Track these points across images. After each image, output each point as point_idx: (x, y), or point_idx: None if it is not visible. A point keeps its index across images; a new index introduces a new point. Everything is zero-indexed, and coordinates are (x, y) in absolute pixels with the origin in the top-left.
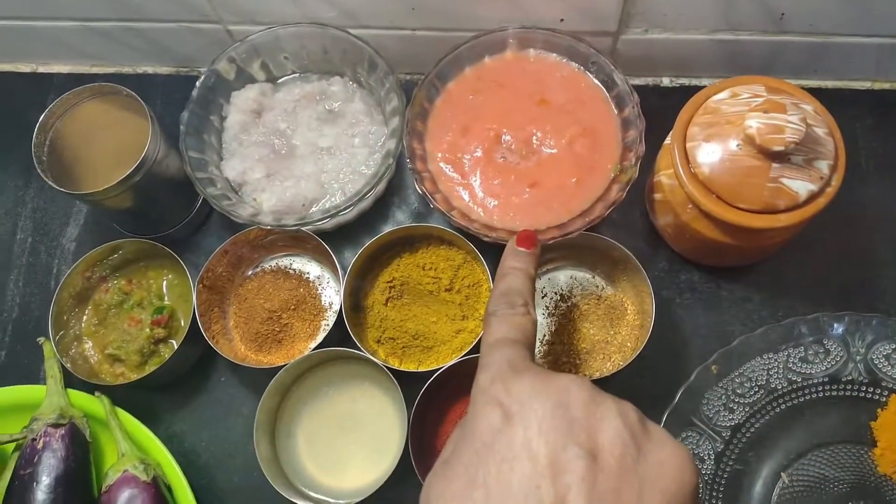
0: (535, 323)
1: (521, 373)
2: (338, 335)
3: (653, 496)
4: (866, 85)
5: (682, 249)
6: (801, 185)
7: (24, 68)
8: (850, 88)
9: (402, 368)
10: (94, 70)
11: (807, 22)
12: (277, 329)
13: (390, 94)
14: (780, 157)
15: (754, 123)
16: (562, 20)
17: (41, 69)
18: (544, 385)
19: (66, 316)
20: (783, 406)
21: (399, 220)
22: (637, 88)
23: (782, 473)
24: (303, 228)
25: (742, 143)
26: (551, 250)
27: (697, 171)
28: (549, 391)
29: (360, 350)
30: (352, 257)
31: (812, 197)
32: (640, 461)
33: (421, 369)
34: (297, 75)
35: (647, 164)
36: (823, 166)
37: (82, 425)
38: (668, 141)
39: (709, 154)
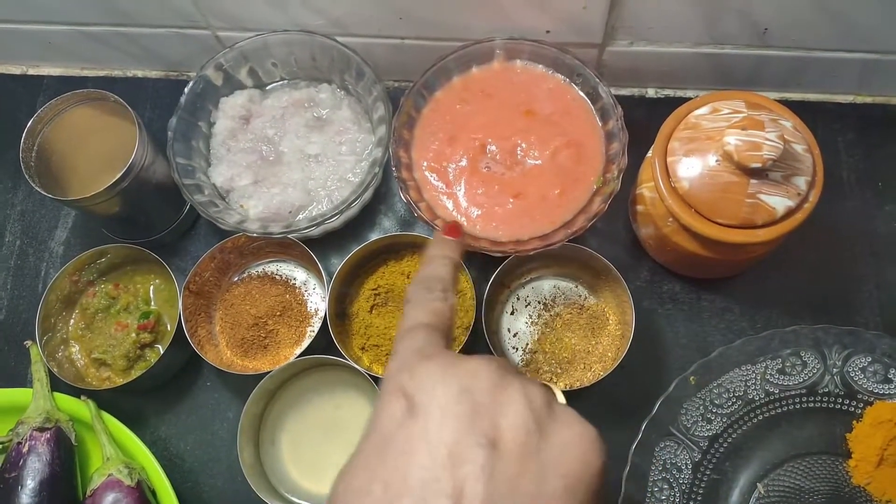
0: (452, 308)
1: (429, 359)
2: (323, 341)
3: (554, 481)
4: (849, 98)
5: (663, 261)
6: (778, 201)
7: (15, 70)
8: (832, 102)
9: None
10: (85, 73)
11: (790, 37)
12: (263, 335)
13: (377, 103)
14: (758, 174)
15: (733, 140)
16: (548, 32)
17: (31, 71)
18: (450, 370)
19: (53, 319)
20: (760, 417)
21: (385, 227)
22: (622, 99)
23: (758, 484)
24: (289, 236)
25: (721, 159)
26: (535, 259)
27: (677, 185)
28: (455, 376)
29: (345, 357)
30: (338, 264)
31: (789, 213)
32: (542, 446)
33: None
34: (285, 82)
35: (631, 175)
36: (801, 182)
37: (68, 429)
38: (649, 154)
39: (689, 169)
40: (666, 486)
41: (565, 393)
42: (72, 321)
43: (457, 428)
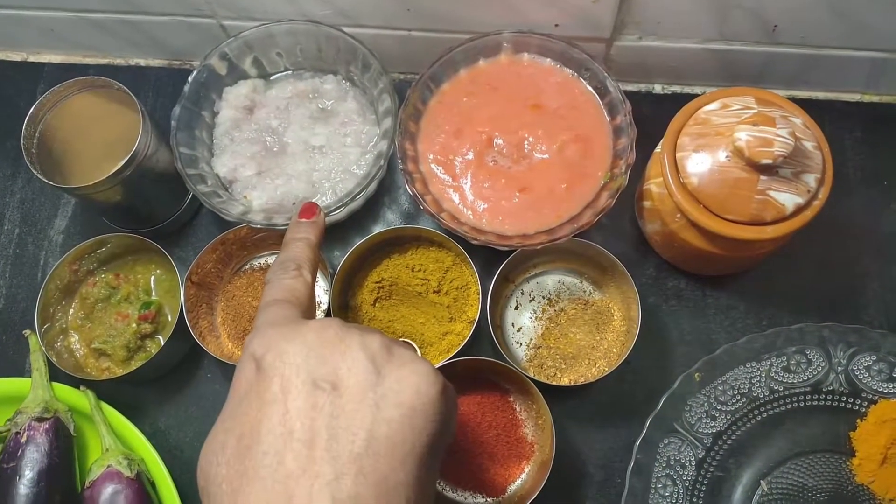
0: (307, 284)
1: (277, 326)
2: None
3: (390, 409)
4: (856, 97)
5: (669, 257)
6: (788, 198)
7: (15, 57)
8: (840, 100)
9: None
10: (86, 60)
11: (799, 34)
12: None
13: (383, 95)
14: (769, 170)
15: (743, 136)
16: (556, 25)
17: (32, 58)
18: (295, 331)
19: (52, 309)
20: (764, 414)
21: (389, 220)
22: (629, 94)
23: (762, 481)
24: None
25: (731, 155)
26: (540, 254)
27: (686, 181)
28: (299, 334)
29: None
30: (341, 257)
31: (799, 210)
32: (378, 382)
33: None
34: (290, 72)
35: (638, 171)
36: (811, 180)
37: (67, 419)
38: (658, 150)
39: (698, 164)
40: (670, 483)
41: (569, 388)
42: (71, 311)
43: (301, 378)
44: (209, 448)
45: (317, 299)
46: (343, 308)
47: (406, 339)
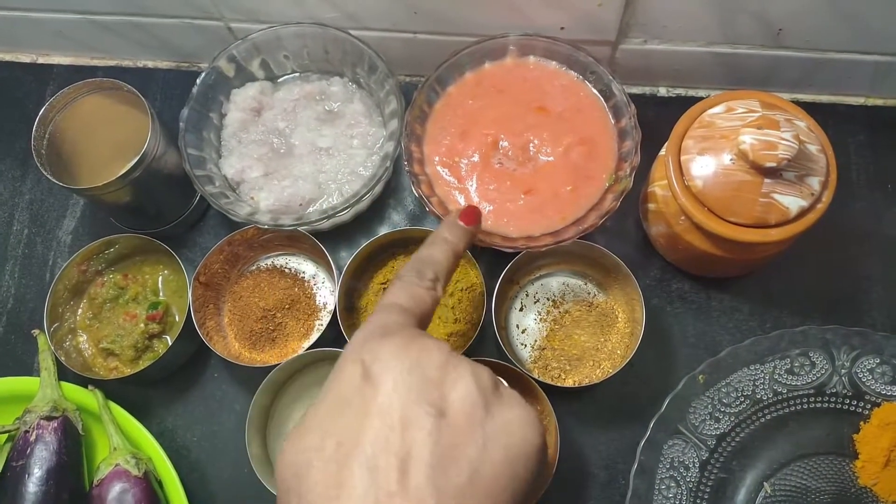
0: (436, 299)
1: (391, 335)
2: (331, 335)
3: (496, 451)
4: (860, 101)
5: (673, 259)
6: (792, 201)
7: (25, 58)
8: (844, 104)
9: None
10: (94, 62)
11: (804, 38)
12: (271, 328)
13: (390, 97)
14: (773, 173)
15: (748, 139)
16: (562, 28)
17: (41, 60)
18: (406, 347)
19: (60, 308)
20: (768, 417)
21: (395, 221)
22: (634, 97)
23: (765, 483)
24: (299, 228)
25: (735, 158)
26: (545, 256)
27: (691, 183)
28: (410, 350)
29: None
30: (347, 258)
31: (802, 213)
32: (487, 419)
33: None
34: (297, 75)
35: (642, 173)
36: (815, 183)
37: (75, 418)
38: (662, 152)
39: (702, 167)
40: (673, 484)
41: (573, 389)
42: (79, 311)
43: (408, 397)
44: (302, 445)
45: (323, 300)
46: (349, 309)
47: (501, 379)
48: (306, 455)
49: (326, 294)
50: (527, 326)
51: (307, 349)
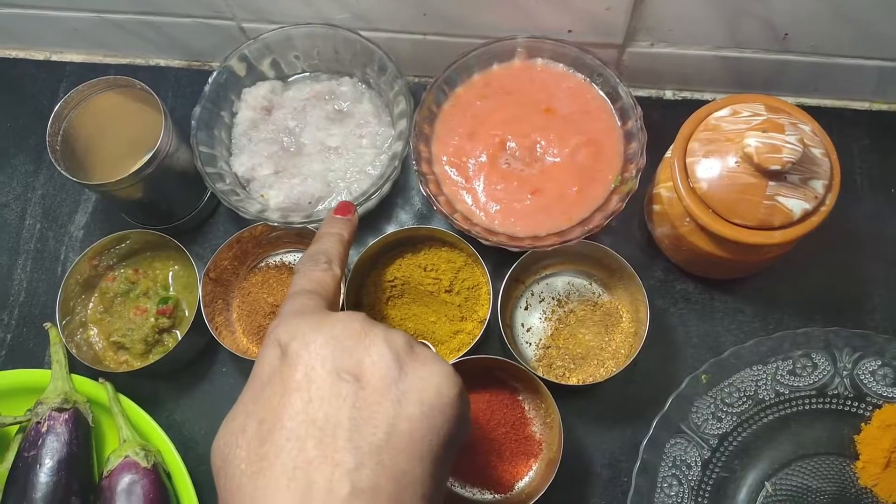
0: (335, 277)
1: (304, 315)
2: None
3: (411, 406)
4: (865, 105)
5: (678, 260)
6: (796, 204)
7: (38, 56)
8: (849, 108)
9: None
10: (107, 60)
11: (809, 43)
12: None
13: (399, 97)
14: (777, 176)
15: (753, 142)
16: (570, 31)
17: (55, 57)
18: (320, 322)
19: (72, 302)
20: (770, 417)
21: (402, 220)
22: (640, 100)
23: (766, 482)
24: (308, 226)
25: (740, 161)
26: (550, 256)
27: (696, 185)
28: (324, 325)
29: None
30: (355, 255)
31: (806, 215)
32: (401, 378)
33: None
34: (307, 74)
35: (647, 175)
36: (819, 186)
37: (85, 410)
38: (668, 155)
39: (708, 170)
40: (675, 483)
41: (577, 388)
42: (91, 305)
43: (324, 368)
44: (228, 429)
45: None
46: (357, 306)
47: (423, 341)
48: (231, 437)
49: None
50: (532, 325)
51: None
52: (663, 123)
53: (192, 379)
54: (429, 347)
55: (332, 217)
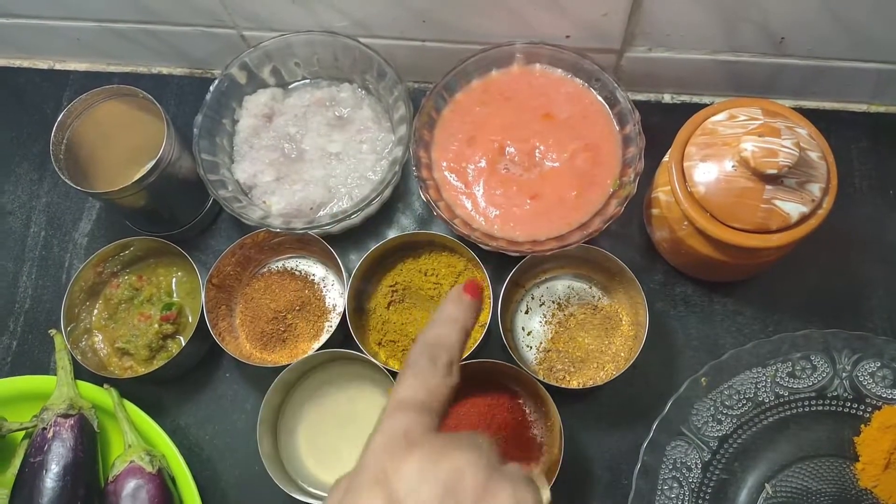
0: (453, 387)
1: (415, 447)
2: (340, 336)
3: None
4: (863, 108)
5: (677, 263)
6: (793, 207)
7: (42, 65)
8: (847, 111)
9: None
10: (110, 69)
11: (806, 46)
12: (282, 329)
13: (398, 103)
14: (774, 180)
15: (749, 146)
16: (568, 37)
17: (58, 66)
18: (435, 466)
19: (77, 309)
20: (770, 419)
21: (403, 225)
22: (638, 104)
23: (766, 484)
24: (310, 232)
25: (737, 165)
26: (550, 260)
27: (694, 189)
28: (440, 474)
29: (362, 352)
30: (356, 260)
31: (803, 219)
32: None
33: None
34: (307, 81)
35: (646, 179)
36: (815, 189)
37: (91, 416)
38: (666, 159)
39: (705, 174)
40: (676, 485)
41: (578, 391)
42: (95, 311)
43: None
44: None
45: (332, 302)
46: (357, 311)
47: (531, 475)
48: None
49: (336, 296)
50: (532, 329)
51: (317, 350)
52: (661, 127)
53: (195, 384)
54: (548, 493)
55: (461, 296)
